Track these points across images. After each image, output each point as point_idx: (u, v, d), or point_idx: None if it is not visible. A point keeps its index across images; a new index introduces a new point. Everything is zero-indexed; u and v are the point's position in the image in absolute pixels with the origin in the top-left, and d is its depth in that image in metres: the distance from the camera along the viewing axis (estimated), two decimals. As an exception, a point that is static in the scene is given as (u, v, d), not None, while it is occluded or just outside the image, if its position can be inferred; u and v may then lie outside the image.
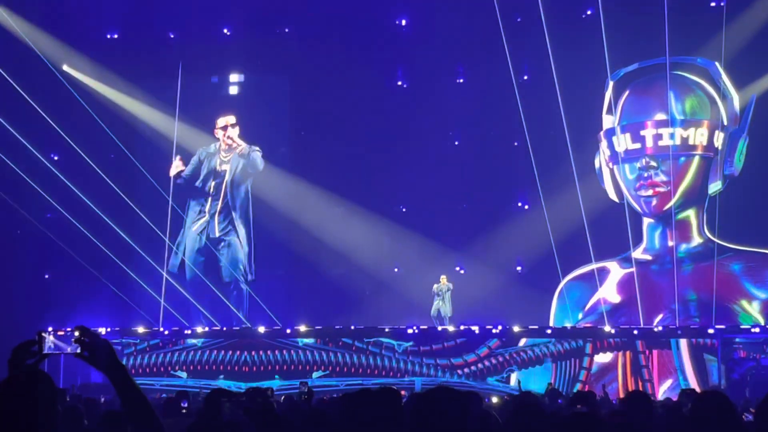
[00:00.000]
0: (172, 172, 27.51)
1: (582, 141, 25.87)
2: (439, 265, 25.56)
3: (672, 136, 25.08)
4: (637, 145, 25.37)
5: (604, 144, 25.94)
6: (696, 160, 25.19)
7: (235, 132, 27.53)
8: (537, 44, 25.75)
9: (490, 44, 25.85)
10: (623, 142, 25.53)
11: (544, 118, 25.46)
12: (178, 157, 27.58)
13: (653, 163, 25.03)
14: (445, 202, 26.76)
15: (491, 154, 26.38)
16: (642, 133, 25.38)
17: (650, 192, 25.11)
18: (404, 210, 27.33)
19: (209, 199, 27.42)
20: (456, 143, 27.41)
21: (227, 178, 27.43)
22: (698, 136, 25.03)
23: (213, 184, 27.44)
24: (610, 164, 25.82)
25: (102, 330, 24.61)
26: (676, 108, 25.45)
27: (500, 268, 25.49)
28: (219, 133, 27.62)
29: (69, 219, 25.26)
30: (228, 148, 27.57)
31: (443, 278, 25.18)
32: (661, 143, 25.15)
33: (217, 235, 27.31)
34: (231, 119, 27.56)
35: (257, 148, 27.48)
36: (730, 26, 24.10)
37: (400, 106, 27.14)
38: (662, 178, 25.06)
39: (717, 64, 24.71)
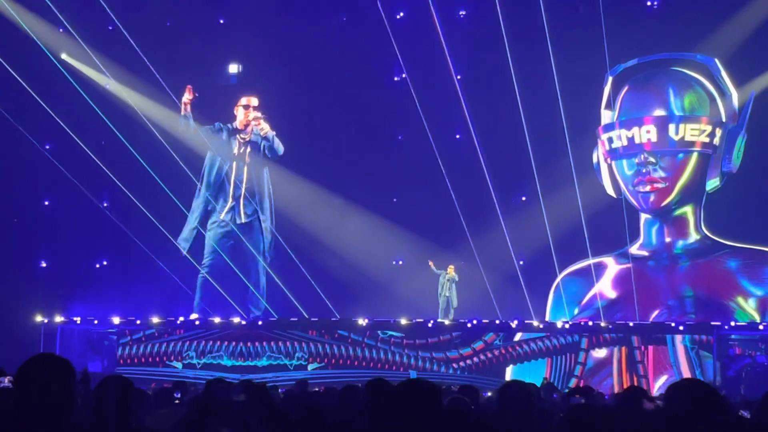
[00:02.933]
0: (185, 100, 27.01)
1: (580, 136, 25.88)
2: (440, 258, 25.56)
3: (670, 132, 25.07)
4: (636, 141, 25.36)
5: (602, 139, 25.92)
6: (694, 157, 25.19)
7: (259, 114, 27.26)
8: (535, 39, 25.74)
9: (489, 38, 25.84)
10: (622, 138, 25.53)
11: (542, 113, 25.47)
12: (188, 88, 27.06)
13: (651, 159, 25.03)
14: (442, 196, 26.75)
15: (491, 148, 26.34)
16: (641, 128, 25.37)
17: (648, 188, 25.11)
18: (395, 200, 27.24)
19: (232, 183, 27.14)
20: (457, 137, 27.32)
21: (248, 160, 27.26)
22: (697, 133, 25.02)
23: (234, 166, 27.19)
24: (608, 159, 25.82)
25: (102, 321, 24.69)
26: (675, 104, 25.45)
27: (497, 262, 25.48)
28: (240, 112, 27.29)
29: (65, 207, 25.25)
30: (244, 129, 27.30)
31: (451, 268, 25.23)
32: (659, 139, 25.14)
33: (244, 220, 27.17)
34: (254, 100, 27.29)
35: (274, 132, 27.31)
36: (729, 23, 24.09)
37: (399, 99, 27.09)
38: (661, 174, 25.07)
39: (716, 60, 24.71)
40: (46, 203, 26.21)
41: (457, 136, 27.37)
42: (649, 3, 25.65)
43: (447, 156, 26.42)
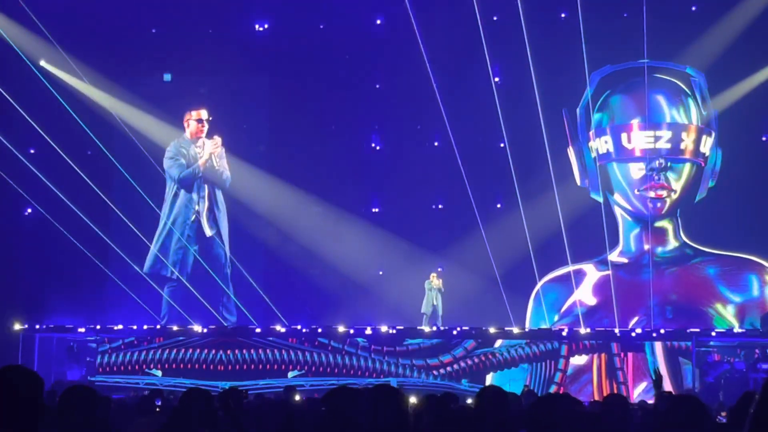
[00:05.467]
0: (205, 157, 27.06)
1: (560, 143, 25.96)
2: (418, 266, 25.55)
3: (665, 139, 25.22)
4: (629, 146, 25.50)
5: (594, 143, 25.92)
6: (688, 166, 25.39)
7: (218, 146, 27.21)
8: (515, 45, 25.83)
9: (468, 44, 25.90)
10: (615, 142, 25.61)
11: (522, 119, 25.54)
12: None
13: (665, 165, 25.10)
14: (422, 204, 26.80)
15: (470, 155, 26.38)
16: (631, 135, 25.48)
17: (653, 194, 25.21)
18: (376, 210, 27.28)
19: (196, 196, 27.10)
20: (435, 144, 27.35)
21: (207, 175, 27.18)
22: (687, 142, 25.23)
23: (201, 181, 27.14)
24: (598, 162, 25.85)
25: (80, 329, 24.55)
26: (668, 111, 25.62)
27: (477, 269, 25.50)
28: (192, 125, 27.15)
29: (45, 215, 25.10)
30: (197, 139, 27.23)
31: (433, 276, 25.20)
32: (652, 146, 25.26)
33: (210, 234, 27.12)
34: (204, 113, 27.20)
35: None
36: (707, 34, 24.29)
37: (378, 107, 27.14)
38: (671, 180, 25.22)
39: (703, 74, 24.94)
40: (29, 211, 26.04)
41: (436, 143, 27.36)
42: (626, 15, 25.72)
43: (426, 164, 26.46)
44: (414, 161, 26.67)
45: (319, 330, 23.66)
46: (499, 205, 26.69)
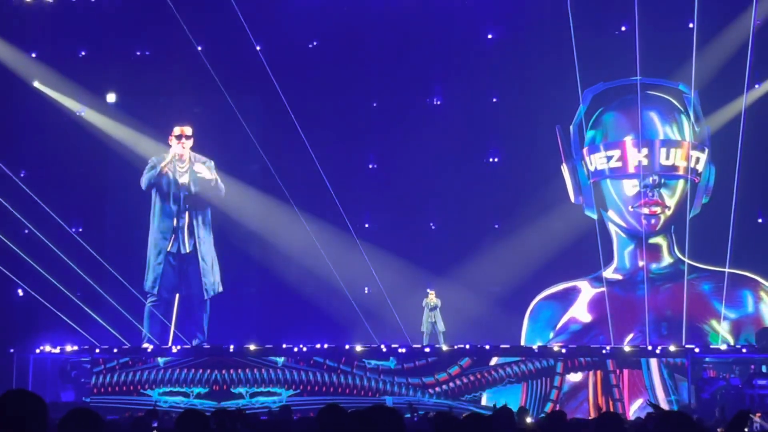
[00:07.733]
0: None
1: (554, 160, 26.01)
2: (414, 285, 25.53)
3: (660, 155, 25.28)
4: (619, 164, 25.54)
5: (587, 160, 25.99)
6: (682, 183, 25.46)
7: (188, 144, 27.02)
8: (509, 63, 25.94)
9: (467, 64, 26.00)
10: (609, 159, 25.66)
11: (516, 136, 25.62)
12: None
13: (658, 181, 25.16)
14: (417, 222, 26.81)
15: (464, 173, 26.44)
16: (628, 151, 25.54)
17: (647, 210, 25.24)
18: (367, 226, 27.28)
19: (176, 213, 26.95)
20: (431, 160, 27.40)
21: (192, 189, 27.02)
22: (680, 159, 25.30)
23: (181, 196, 26.99)
24: (592, 179, 25.90)
25: (71, 347, 24.47)
26: (663, 128, 25.70)
27: (472, 287, 25.49)
28: (173, 142, 27.00)
29: (40, 237, 25.05)
30: (181, 158, 27.03)
31: (431, 293, 25.19)
32: (648, 162, 25.33)
33: (188, 251, 26.95)
34: (188, 130, 27.02)
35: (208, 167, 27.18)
36: (700, 52, 24.39)
37: (374, 124, 27.18)
38: (665, 197, 25.28)
39: (697, 91, 25.03)
40: (26, 231, 26.01)
41: (431, 160, 27.37)
42: (623, 28, 25.86)
43: (421, 183, 26.48)
44: (409, 180, 26.68)
45: (317, 346, 23.61)
46: (496, 226, 26.71)
